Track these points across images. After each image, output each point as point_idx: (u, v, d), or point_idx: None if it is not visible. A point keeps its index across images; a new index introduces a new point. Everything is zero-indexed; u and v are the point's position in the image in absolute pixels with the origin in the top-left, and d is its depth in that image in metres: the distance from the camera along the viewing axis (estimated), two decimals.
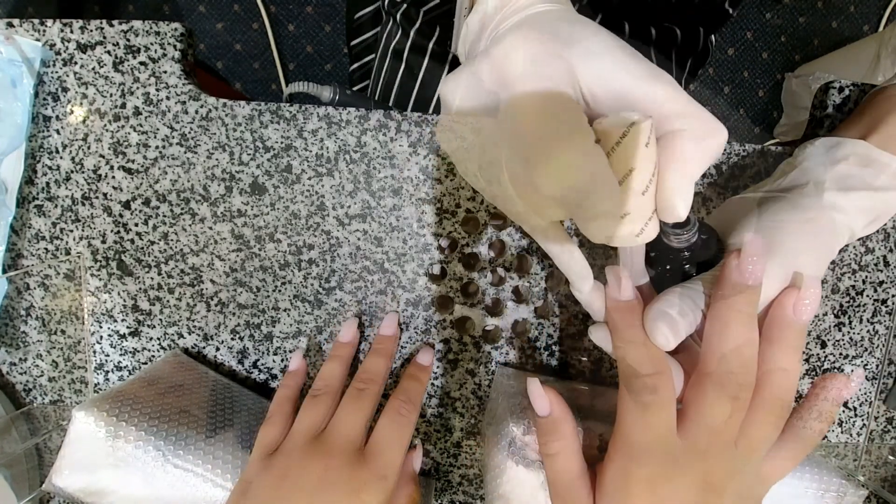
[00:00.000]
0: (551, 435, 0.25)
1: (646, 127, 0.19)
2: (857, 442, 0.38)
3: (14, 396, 0.36)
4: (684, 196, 0.20)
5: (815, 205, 0.27)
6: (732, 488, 0.22)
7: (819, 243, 0.26)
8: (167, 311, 0.36)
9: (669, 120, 0.20)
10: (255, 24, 1.21)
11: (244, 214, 0.35)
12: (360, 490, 0.27)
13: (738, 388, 0.21)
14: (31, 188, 0.35)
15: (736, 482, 0.22)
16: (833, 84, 0.35)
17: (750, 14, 1.27)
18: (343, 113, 0.34)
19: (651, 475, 0.22)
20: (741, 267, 0.22)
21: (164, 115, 0.34)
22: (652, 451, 0.22)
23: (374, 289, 0.35)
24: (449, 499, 0.38)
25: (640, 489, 0.22)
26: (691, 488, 0.22)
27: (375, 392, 0.31)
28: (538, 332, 0.35)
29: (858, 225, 0.27)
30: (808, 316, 0.23)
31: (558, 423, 0.25)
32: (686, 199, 0.20)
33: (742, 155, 0.35)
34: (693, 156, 0.20)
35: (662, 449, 0.22)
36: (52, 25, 0.34)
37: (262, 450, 0.29)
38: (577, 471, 0.25)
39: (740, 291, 0.22)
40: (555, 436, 0.25)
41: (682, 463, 0.22)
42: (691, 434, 0.22)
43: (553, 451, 0.25)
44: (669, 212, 0.21)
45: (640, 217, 0.21)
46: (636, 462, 0.22)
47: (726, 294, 0.22)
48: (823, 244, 0.26)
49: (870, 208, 0.27)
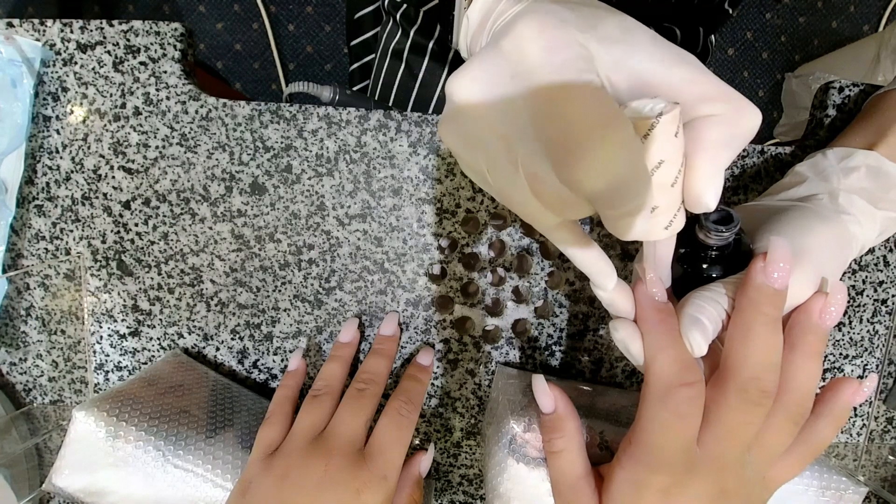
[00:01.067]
0: (556, 432, 0.25)
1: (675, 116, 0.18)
2: (857, 442, 0.38)
3: (14, 396, 0.36)
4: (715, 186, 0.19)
5: (834, 214, 0.27)
6: (743, 493, 0.22)
7: (839, 251, 0.25)
8: (167, 311, 0.36)
9: (696, 105, 0.19)
10: (255, 24, 1.21)
11: (244, 214, 0.35)
12: (360, 490, 0.27)
13: (760, 394, 0.21)
14: (31, 188, 0.35)
15: (747, 487, 0.22)
16: (833, 84, 0.35)
17: (750, 14, 1.27)
18: (343, 113, 0.34)
19: (666, 484, 0.22)
20: (768, 270, 0.21)
21: (164, 115, 0.34)
22: (673, 460, 0.21)
23: (374, 289, 0.35)
24: (449, 499, 0.38)
25: (653, 498, 0.22)
26: (704, 497, 0.22)
27: (376, 392, 0.31)
28: (538, 332, 0.35)
29: (870, 236, 0.27)
30: (833, 322, 0.22)
31: (563, 421, 0.25)
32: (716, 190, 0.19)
33: (742, 155, 0.35)
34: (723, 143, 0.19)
35: (683, 459, 0.21)
36: (52, 25, 0.34)
37: (261, 450, 0.29)
38: (580, 469, 0.24)
39: (766, 295, 0.21)
40: (559, 433, 0.25)
41: (699, 472, 0.22)
42: (709, 440, 0.22)
43: (557, 449, 0.25)
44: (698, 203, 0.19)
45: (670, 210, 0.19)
46: (651, 470, 0.22)
47: (752, 297, 0.21)
48: (842, 253, 0.25)
49: (881, 219, 0.27)
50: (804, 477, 0.29)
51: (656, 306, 0.22)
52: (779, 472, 0.23)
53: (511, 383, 0.32)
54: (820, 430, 0.23)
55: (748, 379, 0.21)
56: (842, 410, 0.23)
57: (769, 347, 0.21)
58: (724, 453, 0.22)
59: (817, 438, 0.23)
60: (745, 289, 0.22)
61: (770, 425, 0.22)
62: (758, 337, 0.21)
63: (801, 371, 0.22)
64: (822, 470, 0.29)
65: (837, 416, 0.23)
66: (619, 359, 0.36)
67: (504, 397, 0.30)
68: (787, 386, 0.22)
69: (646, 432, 0.22)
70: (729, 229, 0.22)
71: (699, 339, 0.21)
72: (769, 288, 0.21)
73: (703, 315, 0.22)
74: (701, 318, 0.22)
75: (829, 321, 0.22)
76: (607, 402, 0.30)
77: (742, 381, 0.21)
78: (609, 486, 0.23)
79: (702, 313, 0.22)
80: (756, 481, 0.22)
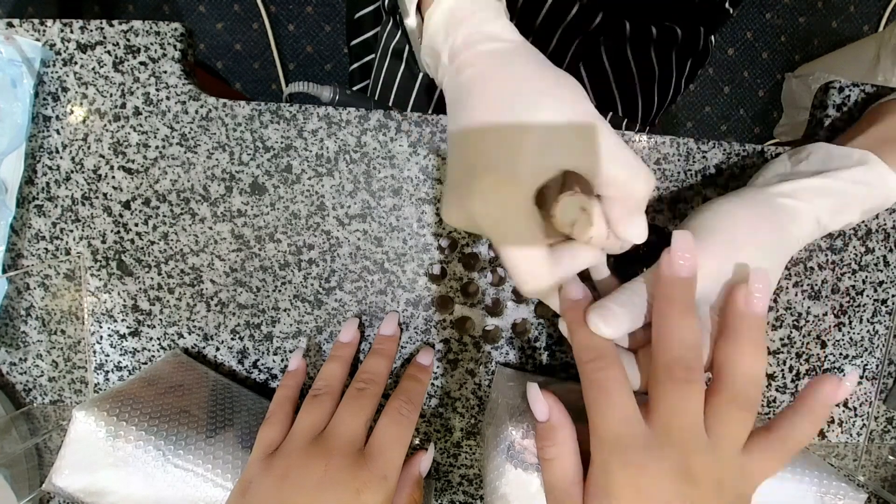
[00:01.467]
0: (549, 440, 0.25)
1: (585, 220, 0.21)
2: (857, 442, 0.38)
3: (14, 396, 0.36)
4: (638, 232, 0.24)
5: (760, 195, 0.28)
6: (712, 478, 0.22)
7: (766, 233, 0.27)
8: (167, 311, 0.36)
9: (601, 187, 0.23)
10: (255, 24, 1.21)
11: (244, 214, 0.35)
12: (360, 490, 0.27)
13: (685, 371, 0.22)
14: (31, 188, 0.35)
15: (715, 473, 0.22)
16: (833, 84, 0.35)
17: (750, 14, 1.27)
18: (343, 113, 0.34)
19: (627, 464, 0.22)
20: (671, 260, 0.24)
21: (164, 115, 0.34)
22: (620, 438, 0.22)
23: (374, 289, 0.35)
24: (449, 499, 0.38)
25: (622, 481, 0.22)
26: (669, 476, 0.22)
27: (376, 392, 0.31)
28: (538, 332, 0.35)
29: (822, 211, 0.28)
30: (760, 308, 0.24)
31: (556, 429, 0.25)
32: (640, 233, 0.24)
33: (742, 155, 0.35)
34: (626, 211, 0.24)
35: (629, 436, 0.22)
36: (52, 25, 0.34)
37: (262, 450, 0.29)
38: (572, 476, 0.24)
39: (675, 286, 0.24)
40: (552, 441, 0.25)
41: (654, 449, 0.22)
42: (655, 422, 0.23)
43: (550, 456, 0.25)
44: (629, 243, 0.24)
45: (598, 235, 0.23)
46: (610, 451, 0.23)
47: (664, 290, 0.24)
48: (773, 233, 0.27)
49: (827, 192, 0.28)
50: (803, 482, 0.29)
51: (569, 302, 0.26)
52: (758, 466, 0.23)
53: (510, 386, 0.32)
54: (797, 425, 0.23)
55: (672, 359, 0.23)
56: (821, 407, 0.23)
57: (684, 329, 0.23)
58: (672, 432, 0.22)
59: (795, 433, 0.23)
60: (657, 282, 0.25)
61: (716, 413, 0.23)
62: (672, 322, 0.23)
63: (738, 356, 0.23)
64: (821, 475, 0.29)
65: (816, 413, 0.23)
66: None
67: (503, 400, 0.30)
68: (723, 373, 0.23)
69: (590, 415, 0.24)
70: None
71: (595, 320, 0.24)
72: (676, 278, 0.24)
73: (610, 301, 0.25)
74: (607, 304, 0.25)
75: (756, 307, 0.24)
76: None
77: (667, 362, 0.23)
78: (587, 482, 0.24)
79: (610, 300, 0.25)
80: (729, 467, 0.23)
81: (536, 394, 0.26)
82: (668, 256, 0.24)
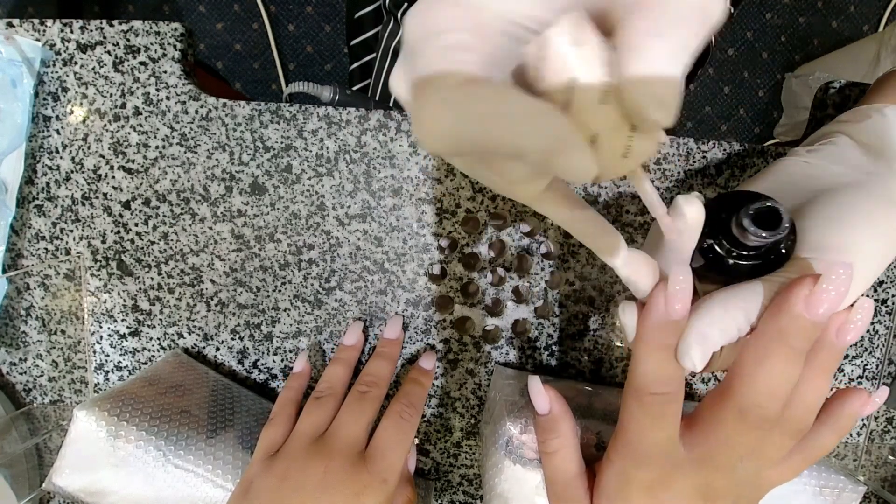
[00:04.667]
0: (550, 433, 0.25)
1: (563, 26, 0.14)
2: (857, 442, 0.38)
3: (14, 396, 0.36)
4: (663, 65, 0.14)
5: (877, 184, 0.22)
6: (731, 496, 0.22)
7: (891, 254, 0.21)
8: (167, 311, 0.36)
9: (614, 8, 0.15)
10: (255, 24, 1.21)
11: (244, 214, 0.35)
12: (360, 493, 0.27)
13: (761, 421, 0.20)
14: (31, 188, 0.35)
15: (735, 490, 0.22)
16: (833, 84, 0.35)
17: (750, 14, 1.27)
18: (343, 113, 0.34)
19: (651, 480, 0.22)
20: (813, 302, 0.18)
21: (164, 115, 0.34)
22: (653, 456, 0.22)
23: (374, 289, 0.35)
24: (449, 499, 0.38)
25: (640, 494, 0.22)
26: (690, 494, 0.22)
27: (378, 395, 0.31)
28: (538, 332, 0.35)
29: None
30: (852, 339, 0.20)
31: (557, 422, 0.25)
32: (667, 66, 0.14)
33: (742, 155, 0.35)
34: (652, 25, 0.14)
35: (664, 455, 0.22)
36: (52, 25, 0.34)
37: (264, 450, 0.29)
38: (574, 470, 0.25)
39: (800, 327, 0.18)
40: (553, 434, 0.25)
41: (685, 471, 0.22)
42: (698, 447, 0.21)
43: (551, 450, 0.25)
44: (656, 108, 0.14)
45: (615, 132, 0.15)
46: (636, 464, 0.22)
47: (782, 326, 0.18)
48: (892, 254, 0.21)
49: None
50: (802, 476, 0.29)
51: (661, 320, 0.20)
52: (774, 474, 0.23)
53: (509, 384, 0.32)
54: (821, 438, 0.22)
55: (751, 405, 0.19)
56: (847, 420, 0.22)
57: (784, 380, 0.19)
58: (712, 459, 0.21)
59: (817, 445, 0.22)
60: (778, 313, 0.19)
61: (766, 438, 0.21)
62: (774, 368, 0.19)
63: (809, 388, 0.20)
64: (820, 469, 0.29)
65: (842, 426, 0.22)
66: (618, 359, 0.36)
67: (501, 397, 0.30)
68: (791, 402, 0.20)
69: (624, 428, 0.22)
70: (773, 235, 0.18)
71: (695, 358, 0.19)
72: (807, 321, 0.18)
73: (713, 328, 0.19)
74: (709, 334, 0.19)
75: (847, 338, 0.19)
76: (605, 403, 0.31)
77: (744, 404, 0.20)
78: (599, 480, 0.24)
79: (713, 325, 0.19)
80: (747, 482, 0.22)
81: (538, 386, 0.26)
82: (808, 291, 0.18)
